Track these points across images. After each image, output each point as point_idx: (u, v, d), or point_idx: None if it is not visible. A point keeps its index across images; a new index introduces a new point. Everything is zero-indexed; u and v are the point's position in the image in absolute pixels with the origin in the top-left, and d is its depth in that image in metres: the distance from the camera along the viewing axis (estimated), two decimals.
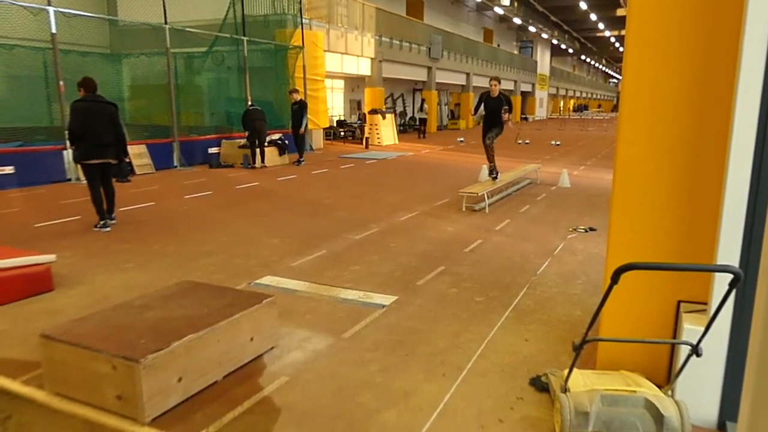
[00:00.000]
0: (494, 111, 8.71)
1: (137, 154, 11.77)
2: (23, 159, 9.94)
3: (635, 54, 2.81)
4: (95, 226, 6.69)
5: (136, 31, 14.43)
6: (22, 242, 5.59)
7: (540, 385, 3.00)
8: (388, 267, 5.23)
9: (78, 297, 4.37)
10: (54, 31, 10.35)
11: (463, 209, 8.03)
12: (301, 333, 3.68)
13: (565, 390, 2.60)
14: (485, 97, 8.77)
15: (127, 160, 11.24)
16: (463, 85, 32.90)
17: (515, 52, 44.25)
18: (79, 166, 6.79)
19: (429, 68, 27.54)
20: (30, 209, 7.89)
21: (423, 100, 25.83)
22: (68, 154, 9.99)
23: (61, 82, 10.32)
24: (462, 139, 22.23)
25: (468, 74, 32.56)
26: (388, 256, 5.62)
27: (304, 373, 3.15)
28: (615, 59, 75.14)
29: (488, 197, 8.32)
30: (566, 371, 2.66)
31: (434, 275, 4.99)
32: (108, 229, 6.68)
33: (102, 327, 2.89)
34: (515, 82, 41.49)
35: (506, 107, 8.65)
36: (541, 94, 49.69)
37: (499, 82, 8.80)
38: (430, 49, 27.00)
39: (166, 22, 12.67)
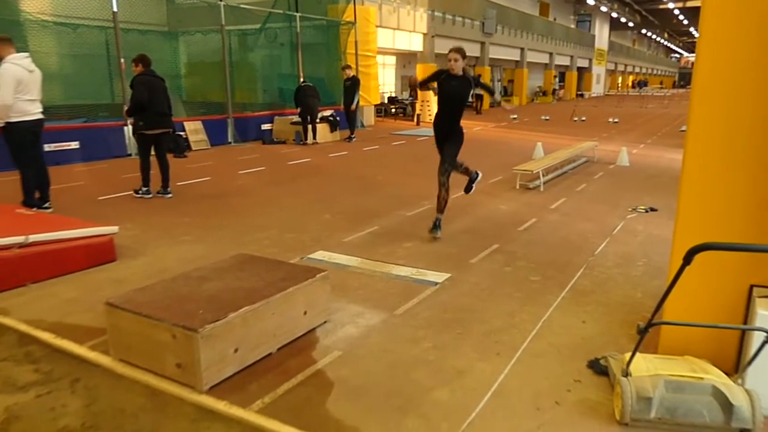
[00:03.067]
0: (453, 98, 5.34)
1: (193, 130, 12.02)
2: (87, 135, 10.30)
3: (711, 26, 2.63)
4: (136, 192, 7.11)
5: (193, 8, 14.64)
6: (87, 214, 5.80)
7: (599, 368, 2.90)
8: (441, 244, 5.18)
9: (139, 267, 4.51)
10: (115, 9, 10.59)
11: (517, 187, 7.86)
12: (354, 308, 3.69)
13: (626, 374, 2.50)
14: (443, 76, 5.39)
15: (184, 135, 11.61)
16: (516, 61, 32.09)
17: (572, 26, 42.71)
18: (134, 137, 7.14)
19: (482, 43, 26.96)
20: (94, 183, 8.19)
21: (480, 76, 25.26)
22: (128, 130, 10.29)
23: (122, 60, 10.58)
24: (515, 116, 21.75)
25: (522, 49, 31.72)
26: (442, 231, 5.55)
27: (357, 348, 3.16)
28: (678, 33, 71.59)
29: (543, 175, 8.12)
30: (628, 354, 2.56)
31: (488, 253, 4.90)
32: (150, 196, 7.06)
33: (162, 297, 2.96)
34: (571, 57, 40.19)
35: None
36: (599, 70, 47.96)
37: (463, 57, 5.31)
38: (483, 23, 26.40)
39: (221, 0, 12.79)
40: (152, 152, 7.11)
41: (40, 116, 6.03)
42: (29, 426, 2.47)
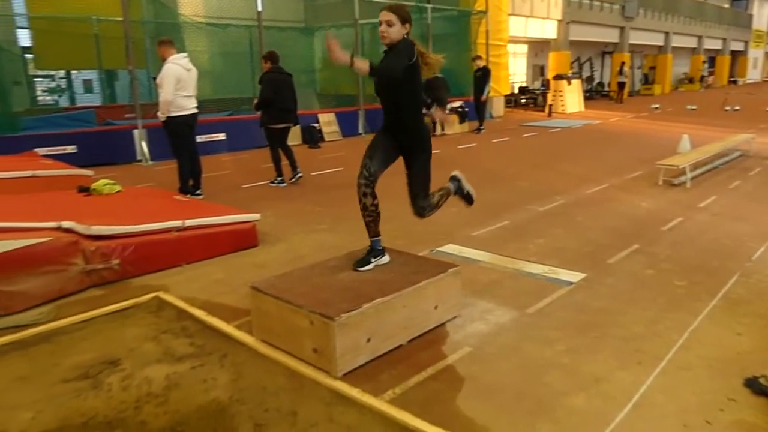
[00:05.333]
0: (382, 84, 3.51)
1: (327, 122, 12.51)
2: (232, 126, 11.09)
3: None
4: (272, 182, 7.62)
5: (328, 5, 15.19)
6: (232, 201, 6.24)
7: (758, 387, 2.63)
8: (575, 242, 4.96)
9: (278, 253, 4.78)
10: (260, 9, 11.26)
11: (660, 183, 7.32)
12: (484, 304, 3.64)
13: None
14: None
15: (317, 127, 12.12)
16: (660, 46, 29.76)
17: (726, 5, 38.69)
18: (263, 129, 7.64)
19: (621, 28, 25.32)
20: (238, 171, 8.81)
21: (623, 63, 23.71)
22: None
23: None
24: (657, 105, 20.21)
25: (667, 34, 29.35)
26: (575, 230, 5.32)
27: (488, 345, 3.12)
28: None
29: (690, 170, 7.48)
30: None
31: (627, 254, 4.62)
32: (284, 185, 7.51)
33: (301, 284, 3.12)
34: (724, 40, 36.49)
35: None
36: (756, 54, 43.09)
37: (402, 19, 3.31)
38: (624, 7, 24.75)
39: None
40: None
41: (195, 111, 6.59)
42: (185, 394, 2.71)
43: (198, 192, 6.75)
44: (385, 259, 3.52)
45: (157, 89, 6.46)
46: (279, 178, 7.57)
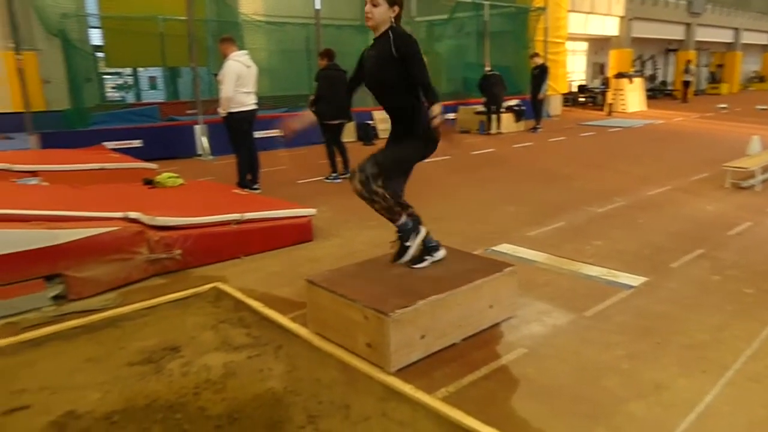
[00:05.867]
0: (372, 80, 3.30)
1: (381, 119, 12.53)
2: None
3: None
4: (326, 178, 7.74)
5: None
6: (288, 195, 6.33)
7: None
8: (636, 245, 4.80)
9: (332, 248, 4.84)
10: (318, 7, 11.40)
11: (727, 186, 7.00)
12: (540, 306, 3.58)
13: None
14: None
15: (371, 124, 12.17)
16: (728, 43, 28.45)
17: None
18: (319, 126, 7.78)
19: (687, 25, 24.35)
20: (293, 167, 8.95)
21: (688, 61, 22.79)
22: None
23: None
24: (725, 105, 19.33)
25: (736, 30, 28.03)
26: (635, 232, 5.16)
27: (543, 347, 3.06)
28: None
29: (761, 173, 7.12)
30: None
31: (691, 258, 4.44)
32: (339, 180, 7.59)
33: (356, 279, 3.15)
34: None
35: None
36: None
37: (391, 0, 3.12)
38: (690, 2, 23.78)
39: None
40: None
41: (255, 107, 6.74)
42: (242, 383, 2.78)
43: (255, 186, 6.90)
44: (441, 253, 3.42)
45: (218, 86, 6.64)
46: (333, 174, 7.67)
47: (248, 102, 6.61)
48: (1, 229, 3.48)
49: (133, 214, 4.15)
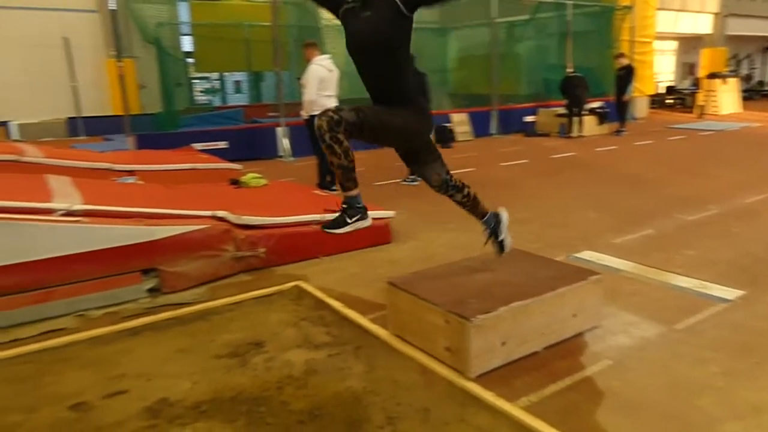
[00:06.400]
0: (363, 46, 2.75)
1: (459, 121, 12.47)
2: None
3: None
4: (404, 180, 7.75)
5: (464, 3, 15.12)
6: (365, 197, 6.40)
7: None
8: (731, 255, 4.52)
9: (410, 251, 4.86)
10: None
11: None
12: (626, 316, 3.44)
13: None
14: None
15: (449, 126, 12.12)
16: None
17: None
18: None
19: None
20: (371, 169, 9.04)
21: None
22: None
23: None
24: None
25: None
26: (731, 242, 4.86)
27: (630, 360, 2.94)
28: None
29: None
30: None
31: None
32: (417, 183, 7.49)
33: (437, 282, 3.14)
34: None
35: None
36: None
37: None
38: None
39: None
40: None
41: None
42: (322, 380, 2.84)
43: (335, 188, 7.03)
44: (369, 221, 3.01)
45: (301, 89, 6.82)
46: (411, 176, 7.70)
47: (330, 105, 6.74)
48: (106, 225, 3.74)
49: (221, 213, 4.33)
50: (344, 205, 2.90)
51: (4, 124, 12.48)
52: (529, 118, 13.79)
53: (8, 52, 12.67)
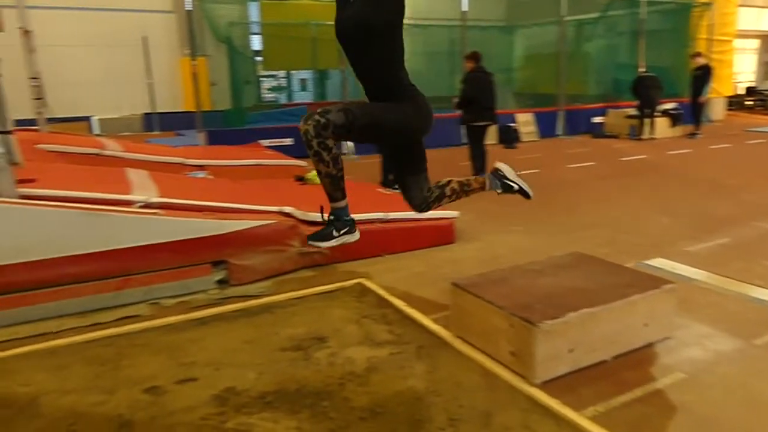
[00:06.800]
0: (348, 35, 2.54)
1: (524, 122, 12.26)
2: None
3: None
4: None
5: (531, 2, 14.84)
6: None
7: None
8: None
9: (474, 252, 4.81)
10: (465, 8, 11.39)
11: None
12: (701, 328, 3.29)
13: None
14: None
15: (514, 127, 11.93)
16: None
17: None
18: (463, 128, 7.91)
19: None
20: (434, 168, 9.00)
21: None
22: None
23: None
24: None
25: None
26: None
27: (705, 374, 2.81)
28: None
29: None
30: None
31: None
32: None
33: (502, 285, 3.10)
34: None
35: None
36: None
37: None
38: None
39: None
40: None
41: None
42: (384, 378, 2.86)
43: (396, 186, 7.05)
44: (356, 235, 2.76)
45: None
46: (475, 176, 7.62)
47: None
48: (181, 218, 3.89)
49: (287, 209, 4.43)
50: (331, 217, 2.66)
51: (86, 119, 13.18)
52: (597, 119, 13.39)
53: (91, 52, 13.38)
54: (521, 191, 3.29)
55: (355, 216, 4.55)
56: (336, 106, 2.42)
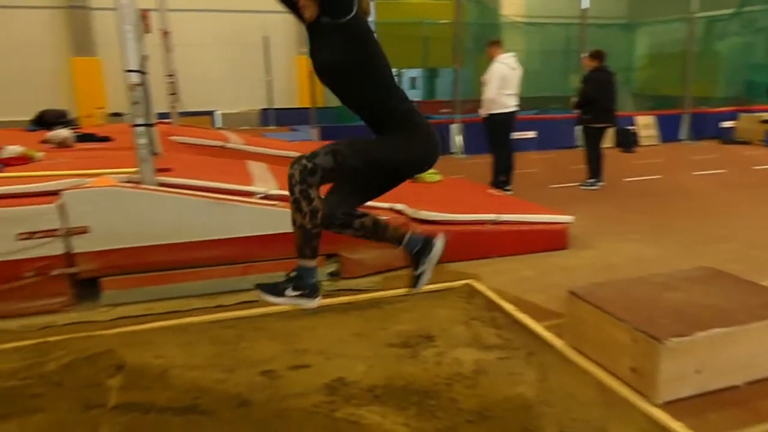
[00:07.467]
0: (324, 72, 2.50)
1: (644, 125, 11.61)
2: (542, 125, 11.08)
3: None
4: (582, 184, 7.38)
5: None
6: (540, 199, 6.21)
7: None
8: None
9: (587, 259, 4.62)
10: (586, 6, 10.97)
11: None
12: None
13: None
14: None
15: (633, 130, 11.32)
16: None
17: None
18: (581, 128, 7.68)
19: None
20: (545, 170, 8.77)
21: None
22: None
23: (583, 55, 10.93)
24: None
25: None
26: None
27: None
28: None
29: None
30: None
31: None
32: (596, 187, 7.26)
33: (623, 296, 2.95)
34: None
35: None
36: None
37: None
38: None
39: None
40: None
41: (515, 109, 6.78)
42: (492, 382, 2.81)
43: (508, 188, 6.93)
44: (313, 303, 2.46)
45: (482, 87, 6.81)
46: (591, 180, 7.33)
47: (510, 104, 6.66)
48: None
49: (399, 206, 4.47)
50: (293, 273, 2.43)
51: (210, 113, 14.10)
52: (726, 124, 12.38)
53: (215, 50, 14.31)
54: (417, 278, 2.83)
55: (468, 216, 4.56)
56: (324, 149, 2.32)
